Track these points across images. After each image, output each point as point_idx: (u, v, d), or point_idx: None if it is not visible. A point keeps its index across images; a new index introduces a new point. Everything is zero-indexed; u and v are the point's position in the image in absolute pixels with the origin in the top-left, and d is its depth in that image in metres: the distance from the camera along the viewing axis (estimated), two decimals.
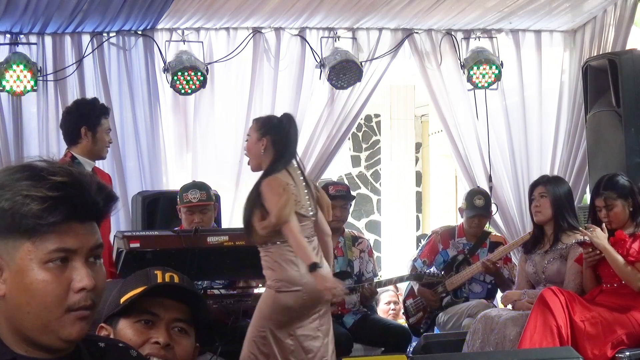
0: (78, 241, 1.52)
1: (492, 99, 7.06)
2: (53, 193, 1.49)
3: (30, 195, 1.48)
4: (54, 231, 1.50)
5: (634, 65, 5.99)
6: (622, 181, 5.09)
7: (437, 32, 7.03)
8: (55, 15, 6.00)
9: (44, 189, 1.49)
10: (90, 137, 4.84)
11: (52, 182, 1.50)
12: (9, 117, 6.30)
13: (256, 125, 4.90)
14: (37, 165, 1.53)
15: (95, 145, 4.87)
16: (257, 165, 4.89)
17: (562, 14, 6.90)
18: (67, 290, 1.51)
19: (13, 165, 1.56)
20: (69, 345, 1.55)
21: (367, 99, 6.95)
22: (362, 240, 6.42)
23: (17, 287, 1.51)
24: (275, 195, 4.66)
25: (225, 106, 6.78)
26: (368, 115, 11.24)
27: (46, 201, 1.48)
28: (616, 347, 4.88)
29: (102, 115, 4.93)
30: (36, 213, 1.48)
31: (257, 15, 6.51)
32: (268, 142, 4.80)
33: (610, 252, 4.88)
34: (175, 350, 2.05)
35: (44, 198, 1.48)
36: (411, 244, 10.20)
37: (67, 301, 1.51)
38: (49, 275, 1.50)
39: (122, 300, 2.05)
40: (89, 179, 1.55)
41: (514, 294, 5.50)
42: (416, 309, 6.37)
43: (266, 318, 4.74)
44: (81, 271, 1.52)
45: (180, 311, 2.06)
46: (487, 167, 7.02)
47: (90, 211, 1.54)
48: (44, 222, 1.48)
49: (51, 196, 1.48)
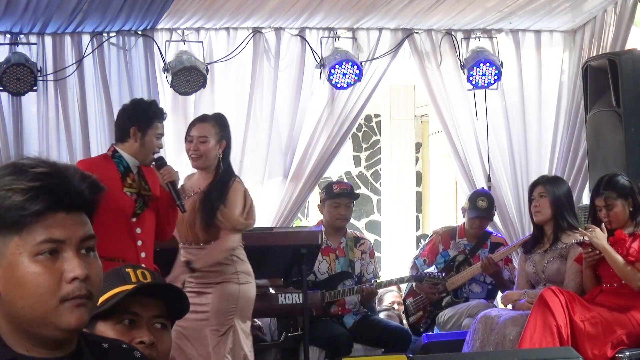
0: (65, 231, 1.52)
1: (491, 99, 7.06)
2: (34, 183, 1.49)
3: (12, 189, 1.49)
4: (39, 222, 1.50)
5: (634, 65, 5.99)
6: (622, 181, 5.10)
7: (437, 32, 7.03)
8: (55, 15, 6.00)
9: (25, 180, 1.50)
10: (138, 138, 4.67)
11: (33, 173, 1.51)
12: (9, 117, 6.30)
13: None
14: (20, 161, 1.54)
15: (143, 147, 4.67)
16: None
17: (562, 14, 6.90)
18: (59, 281, 1.51)
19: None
20: (70, 335, 1.55)
21: (367, 99, 6.94)
22: (364, 241, 6.42)
23: (10, 282, 1.51)
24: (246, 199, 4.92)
25: (225, 106, 6.77)
26: (368, 115, 11.24)
27: (28, 192, 1.49)
28: (616, 347, 4.88)
29: (156, 118, 4.77)
30: (19, 204, 1.49)
31: (257, 15, 6.51)
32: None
33: (610, 252, 4.88)
34: (158, 346, 2.08)
35: (25, 189, 1.49)
36: (411, 244, 10.20)
37: (60, 292, 1.50)
38: (40, 267, 1.50)
39: (99, 302, 2.05)
40: (72, 170, 1.55)
41: (514, 294, 5.50)
42: (416, 309, 6.38)
43: (230, 313, 4.75)
44: (72, 261, 1.52)
45: (158, 308, 2.09)
46: (486, 168, 7.02)
47: (75, 200, 1.54)
48: (27, 212, 1.49)
49: (32, 186, 1.49)
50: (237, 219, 4.80)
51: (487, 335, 5.10)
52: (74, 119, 6.40)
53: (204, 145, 4.93)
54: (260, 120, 6.75)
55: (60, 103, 6.38)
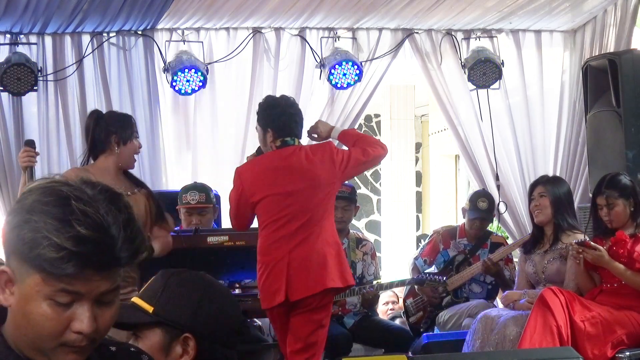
0: (88, 286, 1.47)
1: (494, 98, 7.07)
2: (71, 246, 1.42)
3: (49, 238, 1.42)
4: (66, 275, 1.45)
5: (634, 65, 5.98)
6: (624, 180, 5.10)
7: (437, 32, 7.03)
8: (55, 15, 6.00)
9: (64, 237, 1.42)
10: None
11: (75, 232, 1.42)
12: (9, 117, 6.30)
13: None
14: (70, 201, 1.45)
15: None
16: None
17: (562, 14, 6.90)
18: (66, 328, 1.48)
19: (47, 184, 1.49)
20: None
21: (367, 99, 6.94)
22: (366, 242, 6.42)
23: (20, 308, 1.49)
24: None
25: (225, 106, 6.78)
26: (368, 115, 11.25)
27: (62, 250, 1.42)
28: (616, 347, 4.88)
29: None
30: (49, 259, 1.43)
31: (257, 15, 6.51)
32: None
33: (614, 267, 4.89)
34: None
35: (62, 247, 1.42)
36: (411, 244, 10.21)
37: (62, 337, 1.48)
38: (50, 311, 1.47)
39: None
40: (118, 231, 1.46)
41: (514, 294, 5.50)
42: (416, 309, 6.38)
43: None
44: (84, 315, 1.47)
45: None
46: (494, 166, 7.03)
47: (110, 265, 1.48)
48: (56, 270, 1.43)
49: (67, 248, 1.42)
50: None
51: (487, 335, 5.10)
52: (74, 119, 6.40)
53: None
54: None
55: (61, 103, 6.39)
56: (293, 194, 4.74)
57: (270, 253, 4.71)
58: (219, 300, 2.12)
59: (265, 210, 4.76)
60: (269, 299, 4.73)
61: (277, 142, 4.83)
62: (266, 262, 4.72)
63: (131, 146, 4.61)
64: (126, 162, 4.64)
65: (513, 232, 7.05)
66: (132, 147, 4.62)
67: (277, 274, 4.68)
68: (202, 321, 2.07)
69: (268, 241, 4.73)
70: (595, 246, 4.91)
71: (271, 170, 4.78)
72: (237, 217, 4.87)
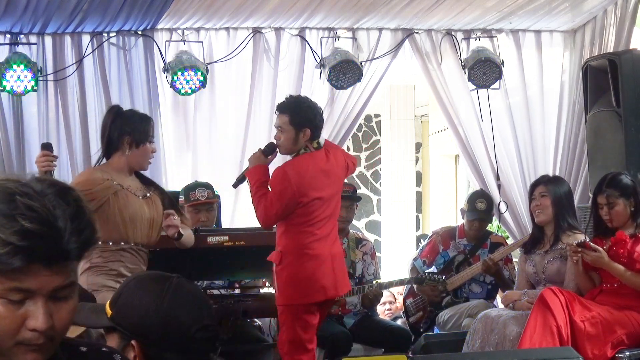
0: (38, 282, 1.43)
1: (494, 98, 7.07)
2: (16, 240, 1.39)
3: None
4: (12, 271, 1.42)
5: (634, 65, 5.98)
6: (625, 180, 5.10)
7: (437, 32, 7.03)
8: (55, 15, 6.00)
9: (9, 232, 1.39)
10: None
11: (19, 226, 1.39)
12: (9, 117, 6.30)
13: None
14: (15, 197, 1.42)
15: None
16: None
17: (562, 14, 6.90)
18: (20, 325, 1.45)
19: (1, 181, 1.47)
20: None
21: (367, 100, 6.94)
22: (366, 242, 6.42)
23: None
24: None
25: (225, 106, 6.78)
26: (368, 115, 11.25)
27: (6, 245, 1.39)
28: (616, 347, 4.88)
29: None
30: None
31: (257, 15, 6.51)
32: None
33: (614, 268, 4.89)
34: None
35: (7, 242, 1.39)
36: (411, 244, 10.21)
37: (18, 336, 1.45)
38: (3, 310, 1.44)
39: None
40: (65, 224, 1.43)
41: (514, 294, 5.49)
42: (416, 309, 6.38)
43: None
44: (37, 311, 1.44)
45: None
46: (494, 166, 7.03)
47: (58, 258, 1.44)
48: (3, 266, 1.40)
49: (14, 244, 1.39)
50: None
51: (487, 335, 5.10)
52: (74, 119, 6.40)
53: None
54: (260, 120, 6.75)
55: (61, 103, 6.39)
56: (331, 197, 4.96)
57: (315, 249, 4.85)
58: (172, 305, 2.04)
59: (310, 211, 4.87)
60: (313, 294, 4.83)
61: (314, 144, 4.96)
62: (313, 256, 4.83)
63: (144, 149, 4.51)
64: (137, 165, 4.56)
65: (514, 232, 7.06)
66: (145, 150, 4.51)
67: (325, 271, 4.85)
68: (148, 327, 2.01)
69: (309, 239, 4.86)
70: (595, 247, 4.90)
71: (318, 172, 4.92)
72: (279, 216, 4.89)
